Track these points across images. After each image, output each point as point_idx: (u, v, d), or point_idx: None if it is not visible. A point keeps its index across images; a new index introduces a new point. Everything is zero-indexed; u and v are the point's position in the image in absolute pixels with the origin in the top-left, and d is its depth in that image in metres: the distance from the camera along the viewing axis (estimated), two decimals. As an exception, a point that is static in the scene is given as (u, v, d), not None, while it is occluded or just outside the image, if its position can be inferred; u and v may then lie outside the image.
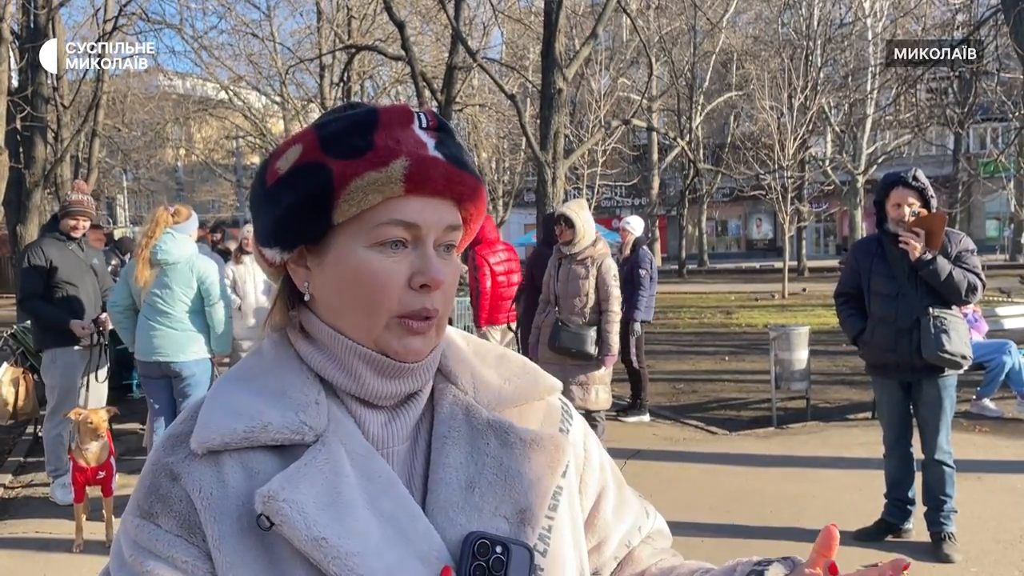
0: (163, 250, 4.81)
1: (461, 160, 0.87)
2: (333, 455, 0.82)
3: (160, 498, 0.82)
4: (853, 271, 4.42)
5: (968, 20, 18.39)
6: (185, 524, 0.81)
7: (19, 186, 12.75)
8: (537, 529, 0.86)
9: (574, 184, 21.95)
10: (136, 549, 0.83)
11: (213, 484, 0.81)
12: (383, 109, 0.87)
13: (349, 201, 0.82)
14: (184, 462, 0.83)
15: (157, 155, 32.09)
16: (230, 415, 0.83)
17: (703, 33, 25.26)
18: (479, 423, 0.90)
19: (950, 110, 24.77)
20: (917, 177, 4.10)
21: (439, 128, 0.87)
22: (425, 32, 19.76)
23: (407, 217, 0.83)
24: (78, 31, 18.46)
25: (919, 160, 31.90)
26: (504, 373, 0.96)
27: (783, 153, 20.39)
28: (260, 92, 22.26)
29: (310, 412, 0.84)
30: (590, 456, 1.01)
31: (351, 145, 0.83)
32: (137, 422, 7.25)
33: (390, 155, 0.82)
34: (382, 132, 0.84)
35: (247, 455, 0.83)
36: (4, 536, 4.89)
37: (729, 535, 4.49)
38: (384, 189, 0.82)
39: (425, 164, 0.83)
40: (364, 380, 0.87)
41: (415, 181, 0.83)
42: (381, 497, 0.83)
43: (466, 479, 0.86)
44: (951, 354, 4.03)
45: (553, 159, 10.12)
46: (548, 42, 10.20)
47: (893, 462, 4.40)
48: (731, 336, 13.28)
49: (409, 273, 0.84)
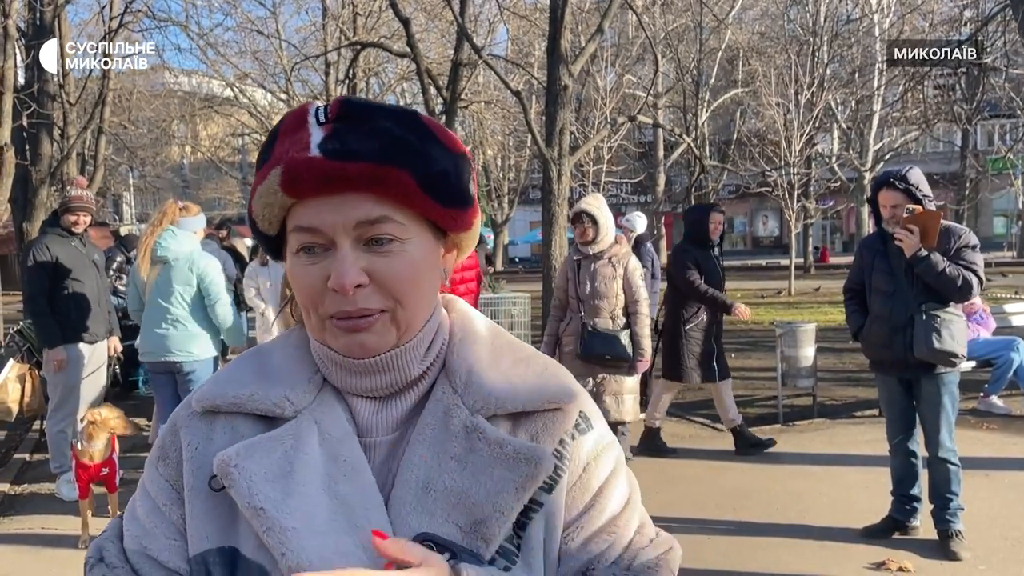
0: (163, 247, 4.81)
1: (350, 151, 0.80)
2: (301, 432, 0.85)
3: (163, 446, 0.90)
4: (859, 268, 4.43)
5: (976, 16, 18.32)
6: (174, 472, 0.88)
7: (25, 183, 12.78)
8: (493, 543, 0.81)
9: (579, 181, 21.92)
10: (141, 488, 0.92)
11: (201, 439, 0.87)
12: (287, 115, 0.87)
13: (259, 217, 0.86)
14: (187, 417, 0.90)
15: (163, 152, 32.15)
16: (228, 382, 0.90)
17: (709, 29, 25.16)
18: (454, 424, 0.86)
19: (958, 106, 24.65)
20: (905, 178, 4.05)
21: (340, 118, 0.83)
22: (430, 29, 19.73)
23: (302, 222, 0.83)
24: (84, 28, 18.52)
25: (926, 157, 31.82)
26: (512, 376, 0.90)
27: (789, 150, 20.33)
28: (266, 89, 22.25)
29: (297, 389, 0.88)
30: (588, 477, 0.91)
31: (261, 159, 0.86)
32: (143, 419, 7.25)
33: (273, 164, 0.83)
34: (280, 140, 0.85)
35: (237, 420, 0.88)
36: (10, 532, 4.91)
37: (735, 533, 4.48)
38: (272, 200, 0.83)
39: (295, 167, 0.80)
40: (334, 374, 0.89)
41: (290, 186, 0.81)
42: (341, 480, 0.83)
43: (424, 480, 0.83)
44: (941, 352, 4.01)
45: (559, 156, 10.10)
46: (553, 38, 10.17)
47: (896, 459, 4.40)
48: (737, 333, 13.24)
49: (325, 276, 0.82)
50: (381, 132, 0.82)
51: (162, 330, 4.83)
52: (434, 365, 0.91)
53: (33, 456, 6.50)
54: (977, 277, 4.01)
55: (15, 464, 6.33)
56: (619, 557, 0.92)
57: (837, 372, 9.28)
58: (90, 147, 15.89)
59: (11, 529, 4.97)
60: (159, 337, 4.84)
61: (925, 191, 4.07)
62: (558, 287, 5.41)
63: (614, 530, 0.92)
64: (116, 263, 10.18)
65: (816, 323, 7.48)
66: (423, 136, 0.85)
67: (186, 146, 33.65)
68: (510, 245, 39.87)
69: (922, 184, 4.08)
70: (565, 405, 0.90)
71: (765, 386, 8.46)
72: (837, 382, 8.67)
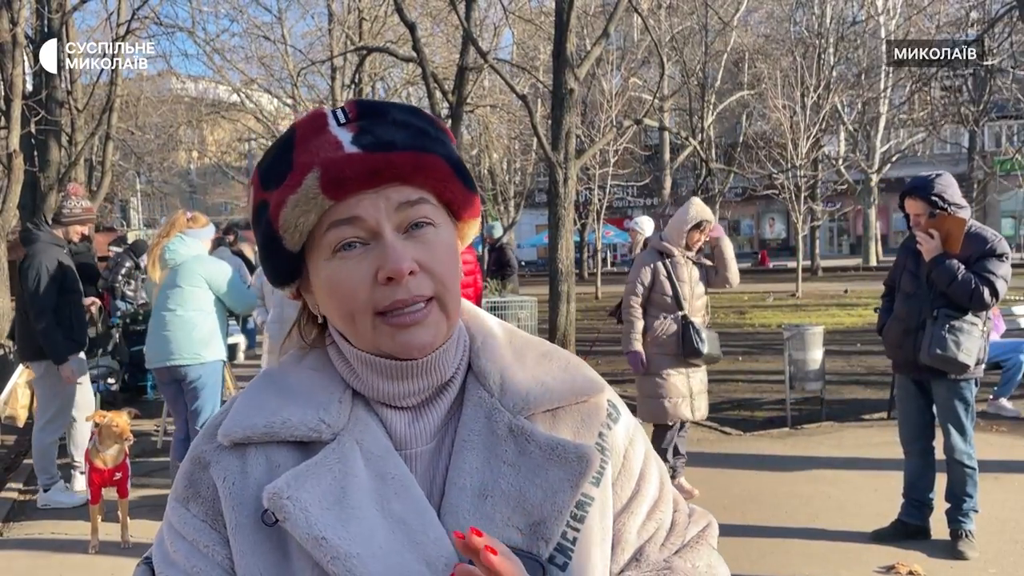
0: (171, 250, 4.85)
1: (387, 142, 0.81)
2: (346, 454, 0.83)
3: (192, 484, 0.86)
4: (895, 266, 4.46)
5: (982, 17, 18.26)
6: (210, 511, 0.85)
7: (34, 189, 12.84)
8: (552, 542, 0.83)
9: (585, 184, 21.92)
10: (170, 531, 0.87)
11: (236, 474, 0.84)
12: (299, 123, 0.86)
13: (288, 231, 0.83)
14: (215, 452, 0.86)
15: (170, 158, 32.27)
16: (254, 410, 0.86)
17: (715, 32, 25.13)
18: (500, 428, 0.86)
19: (965, 108, 24.58)
20: (929, 187, 4.04)
21: (361, 116, 0.84)
22: (436, 33, 19.76)
23: (341, 215, 0.81)
24: (91, 35, 18.60)
25: (933, 158, 31.70)
26: (540, 373, 0.91)
27: (796, 152, 20.30)
28: (272, 94, 22.33)
29: (331, 411, 0.85)
30: (628, 464, 0.94)
31: (278, 172, 0.83)
32: (151, 423, 7.28)
33: (304, 171, 0.81)
34: (299, 148, 0.83)
35: (271, 449, 0.85)
36: (21, 537, 4.92)
37: (744, 535, 4.47)
38: (310, 207, 0.81)
39: (338, 167, 0.80)
40: (373, 384, 0.87)
41: (333, 187, 0.80)
42: (393, 499, 0.82)
43: (480, 486, 0.84)
44: (945, 359, 3.98)
45: (565, 159, 10.10)
46: (559, 42, 10.17)
47: (909, 461, 4.40)
48: (745, 336, 13.22)
49: (374, 268, 0.81)
50: (403, 124, 0.83)
51: (168, 333, 4.83)
52: (460, 368, 0.91)
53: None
54: (991, 288, 3.94)
55: (25, 469, 6.35)
56: (667, 539, 0.96)
57: (845, 375, 9.26)
58: (98, 153, 15.98)
59: (21, 534, 4.98)
60: (165, 340, 4.84)
61: (951, 198, 4.03)
62: (640, 283, 5.09)
63: (659, 513, 0.96)
64: (125, 268, 10.23)
65: (824, 326, 7.46)
66: (435, 126, 0.87)
67: (193, 151, 33.73)
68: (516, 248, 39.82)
69: (948, 191, 4.04)
70: (596, 396, 0.93)
71: (773, 389, 8.44)
72: (845, 385, 8.64)
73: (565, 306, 10.25)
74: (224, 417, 0.88)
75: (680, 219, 5.10)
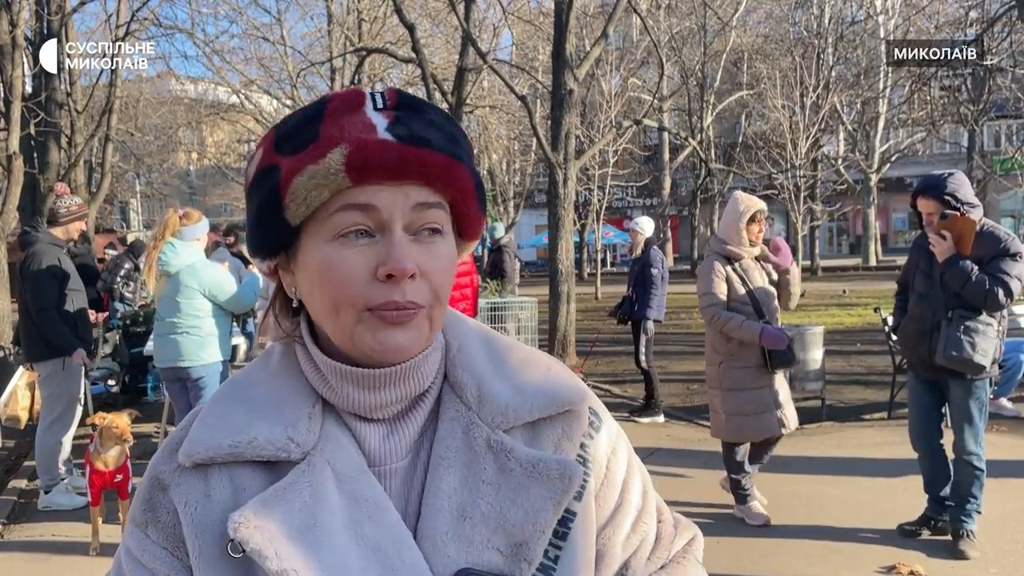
0: (163, 261, 4.84)
1: (422, 138, 0.78)
2: (316, 477, 0.78)
3: (151, 507, 0.81)
4: (908, 265, 4.47)
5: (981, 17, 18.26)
6: (170, 536, 0.80)
7: (33, 191, 12.86)
8: (535, 564, 0.79)
9: (585, 185, 21.92)
10: (128, 556, 0.82)
11: (199, 498, 0.79)
12: (332, 96, 0.81)
13: (295, 200, 0.77)
14: (175, 473, 0.80)
15: (169, 159, 32.32)
16: (219, 428, 0.80)
17: (714, 32, 25.16)
18: (478, 444, 0.82)
19: (964, 107, 24.58)
20: (941, 186, 4.05)
21: (399, 107, 0.80)
22: (435, 34, 19.78)
23: (357, 199, 0.77)
24: (91, 36, 18.61)
25: (933, 158, 31.71)
26: (520, 383, 0.86)
27: (795, 152, 20.32)
28: (271, 95, 22.34)
29: (299, 428, 0.80)
30: (611, 475, 0.91)
31: (300, 139, 0.78)
32: (152, 425, 7.28)
33: (330, 144, 0.76)
34: (328, 121, 0.78)
35: (235, 470, 0.79)
36: (22, 539, 4.92)
37: (744, 536, 4.47)
38: (327, 182, 0.76)
39: (368, 148, 0.76)
40: (345, 394, 0.82)
41: (358, 168, 0.75)
42: (366, 523, 0.77)
43: (459, 507, 0.79)
44: (960, 360, 3.99)
45: (564, 160, 10.11)
46: (558, 43, 10.19)
47: (922, 460, 4.43)
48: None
49: (375, 263, 0.77)
50: (439, 125, 0.80)
51: (171, 338, 4.88)
52: (437, 377, 0.87)
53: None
54: (1006, 288, 3.94)
55: (25, 471, 6.35)
56: (652, 552, 0.93)
57: (845, 375, 9.26)
58: (97, 154, 15.98)
59: (22, 536, 4.98)
60: (170, 344, 4.89)
61: (964, 198, 4.04)
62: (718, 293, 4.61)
63: (642, 525, 0.93)
64: (124, 270, 10.23)
65: (824, 326, 7.46)
66: (465, 138, 0.84)
67: (192, 152, 33.76)
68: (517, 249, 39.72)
69: (960, 191, 4.04)
70: (578, 405, 0.88)
71: (773, 389, 8.43)
72: (845, 385, 8.64)
73: (565, 306, 10.26)
74: (183, 432, 0.83)
75: (732, 218, 4.70)
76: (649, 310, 7.24)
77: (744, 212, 4.62)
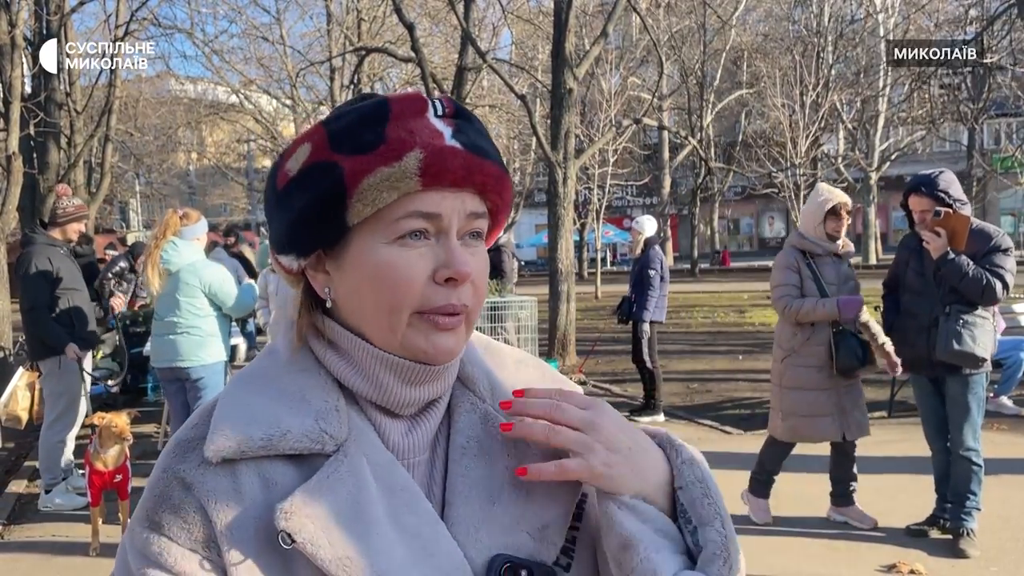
0: (164, 259, 4.84)
1: (481, 148, 0.81)
2: (355, 467, 0.78)
3: (171, 508, 0.77)
4: (896, 264, 4.47)
5: (981, 15, 18.26)
6: (198, 537, 0.76)
7: (33, 191, 12.85)
8: (560, 543, 0.82)
9: (585, 184, 21.93)
10: (144, 561, 0.77)
11: (229, 495, 0.76)
12: (395, 99, 0.82)
13: (363, 200, 0.77)
14: (197, 470, 0.78)
15: (169, 159, 32.34)
16: (246, 421, 0.79)
17: (713, 31, 25.15)
18: (496, 432, 0.85)
19: (964, 106, 24.59)
20: (934, 183, 4.09)
21: (457, 115, 0.82)
22: (435, 33, 19.79)
23: (426, 208, 0.78)
24: (90, 36, 18.60)
25: (933, 156, 31.73)
26: (522, 379, 0.91)
27: (795, 150, 20.33)
28: (271, 95, 22.37)
29: (331, 420, 0.80)
30: None
31: (362, 140, 0.78)
32: (152, 425, 7.28)
33: (403, 148, 0.77)
34: (394, 124, 0.79)
35: (264, 464, 0.78)
36: (22, 540, 4.92)
37: (745, 535, 4.47)
38: (399, 185, 0.77)
39: (442, 155, 0.77)
40: (386, 387, 0.82)
41: (432, 174, 0.77)
42: (404, 512, 0.79)
43: (487, 493, 0.82)
44: (962, 354, 4.02)
45: (564, 159, 10.11)
46: (558, 42, 10.18)
47: (935, 457, 4.43)
48: (745, 335, 13.22)
49: (433, 267, 0.79)
50: (485, 136, 0.83)
51: (171, 338, 4.86)
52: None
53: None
54: (1003, 281, 4.00)
55: (25, 472, 6.35)
56: None
57: (845, 373, 9.23)
58: (97, 154, 15.98)
59: (22, 537, 4.98)
60: (168, 344, 4.87)
61: (956, 195, 4.08)
62: (791, 285, 4.50)
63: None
64: (118, 267, 10.23)
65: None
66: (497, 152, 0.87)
67: (192, 152, 33.81)
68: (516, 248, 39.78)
69: (952, 188, 4.09)
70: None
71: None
72: (845, 383, 8.63)
73: (565, 306, 10.25)
74: (197, 430, 0.81)
75: (810, 210, 4.58)
76: (645, 311, 7.26)
77: (823, 203, 4.49)
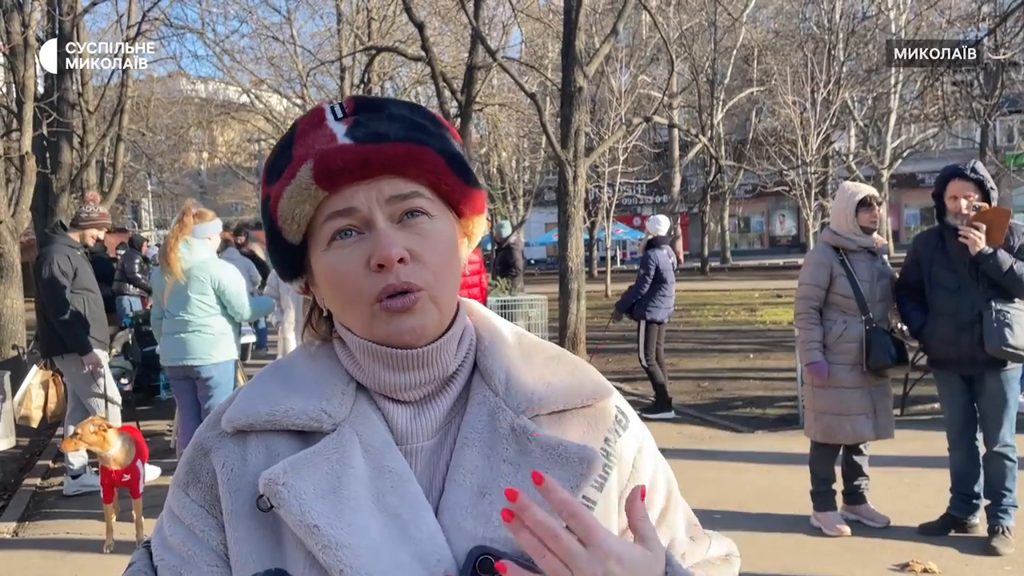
0: (178, 257, 4.86)
1: (378, 134, 0.83)
2: (344, 445, 0.84)
3: (192, 470, 0.88)
4: (915, 264, 4.38)
5: (993, 12, 18.14)
6: (208, 496, 0.86)
7: (46, 191, 12.93)
8: None
9: (595, 182, 21.91)
10: (169, 515, 0.89)
11: (236, 461, 0.86)
12: (300, 120, 0.88)
13: (286, 220, 0.85)
14: (216, 438, 0.88)
15: (180, 159, 32.47)
16: (258, 398, 0.87)
17: (723, 28, 25.08)
18: (502, 427, 0.86)
19: (976, 103, 24.41)
20: (976, 169, 4.06)
21: (358, 111, 0.86)
22: (445, 32, 19.77)
23: (337, 207, 0.83)
24: (103, 37, 18.70)
25: (945, 154, 31.48)
26: (547, 375, 0.91)
27: (806, 148, 20.26)
28: (281, 95, 22.40)
29: (333, 401, 0.87)
30: (638, 474, 0.93)
31: (277, 167, 0.86)
32: (164, 423, 7.32)
33: (299, 162, 0.83)
34: (298, 142, 0.85)
35: (271, 437, 0.86)
36: (36, 537, 4.96)
37: (757, 533, 4.46)
38: (304, 197, 0.83)
39: (329, 157, 0.82)
40: (375, 374, 0.87)
41: (326, 176, 0.82)
42: (389, 492, 0.82)
43: (479, 484, 0.84)
44: (1015, 348, 3.98)
45: (574, 157, 10.10)
46: (568, 40, 10.17)
47: (957, 455, 4.36)
48: (755, 333, 13.18)
49: (366, 256, 0.82)
50: (399, 118, 0.85)
51: (181, 336, 4.87)
52: (465, 364, 0.91)
53: (56, 462, 6.56)
54: None
55: (39, 469, 6.40)
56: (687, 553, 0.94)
57: (857, 372, 9.20)
58: (109, 154, 16.05)
59: (36, 534, 5.02)
60: (178, 343, 4.88)
61: (991, 184, 4.07)
62: (816, 286, 4.45)
63: (666, 524, 0.95)
64: (136, 263, 10.32)
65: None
66: (433, 121, 0.88)
67: (203, 152, 33.93)
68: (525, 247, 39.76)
69: (989, 178, 4.07)
70: (603, 401, 0.93)
71: (784, 387, 8.41)
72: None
73: (575, 304, 10.25)
74: (227, 405, 0.90)
75: (840, 207, 4.50)
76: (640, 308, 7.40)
77: (852, 198, 4.41)
